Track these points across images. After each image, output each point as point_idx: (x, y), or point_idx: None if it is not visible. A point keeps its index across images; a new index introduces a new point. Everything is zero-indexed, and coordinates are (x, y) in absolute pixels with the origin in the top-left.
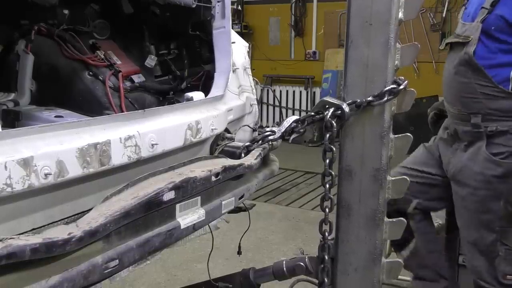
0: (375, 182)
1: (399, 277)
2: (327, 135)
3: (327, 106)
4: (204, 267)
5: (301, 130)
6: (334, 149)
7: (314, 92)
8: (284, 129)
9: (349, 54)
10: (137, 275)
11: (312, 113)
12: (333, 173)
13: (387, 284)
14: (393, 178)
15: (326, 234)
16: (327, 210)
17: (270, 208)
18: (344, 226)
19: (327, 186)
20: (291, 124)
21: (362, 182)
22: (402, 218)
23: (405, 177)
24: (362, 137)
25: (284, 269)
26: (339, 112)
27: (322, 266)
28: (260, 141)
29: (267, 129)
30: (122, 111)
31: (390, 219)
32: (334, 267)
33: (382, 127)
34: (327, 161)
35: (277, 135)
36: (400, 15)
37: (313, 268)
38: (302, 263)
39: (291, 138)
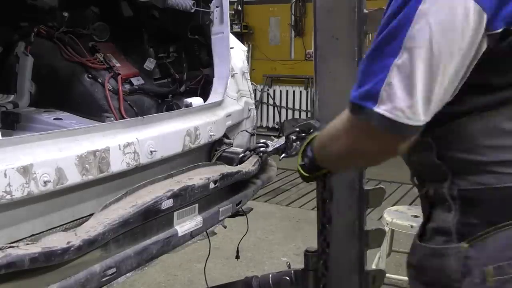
0: (352, 193)
1: (399, 277)
2: None
3: (311, 130)
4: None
5: (293, 153)
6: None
7: (314, 92)
8: (278, 146)
9: (317, 67)
10: (137, 275)
11: (297, 129)
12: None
13: (387, 284)
14: (370, 188)
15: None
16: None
17: (270, 208)
18: (325, 237)
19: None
20: (282, 144)
21: (339, 193)
22: (381, 227)
23: (381, 186)
24: None
25: (270, 283)
26: None
27: (307, 279)
28: (252, 151)
29: (261, 140)
30: (121, 114)
31: (370, 228)
32: (318, 279)
33: None
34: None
35: (269, 149)
36: (365, 28)
37: (299, 281)
38: (287, 277)
39: (281, 157)
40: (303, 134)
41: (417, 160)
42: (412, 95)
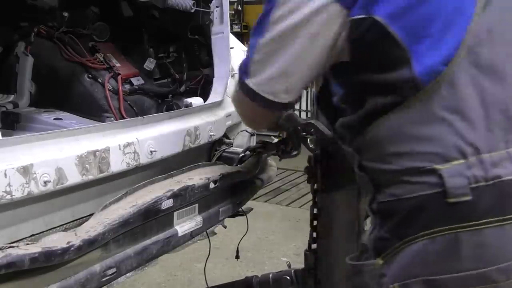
0: (352, 192)
1: None
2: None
3: (312, 130)
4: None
5: (294, 153)
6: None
7: (314, 92)
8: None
9: None
10: (137, 275)
11: (298, 127)
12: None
13: None
14: None
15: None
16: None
17: (270, 208)
18: (325, 237)
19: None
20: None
21: (339, 193)
22: None
23: None
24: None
25: (270, 282)
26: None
27: (307, 278)
28: (252, 151)
29: (262, 140)
30: (121, 114)
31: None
32: (318, 279)
33: None
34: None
35: (267, 149)
36: None
37: (299, 281)
38: (287, 277)
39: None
40: (304, 134)
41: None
42: (266, 70)
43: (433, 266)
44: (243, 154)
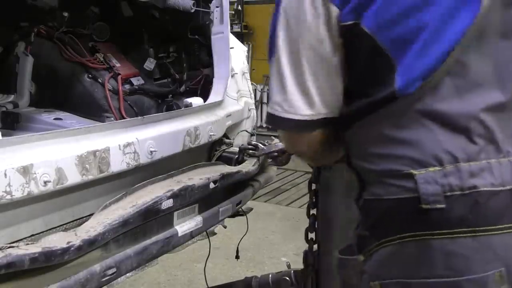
0: (352, 192)
1: None
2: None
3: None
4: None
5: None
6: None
7: None
8: (268, 151)
9: None
10: (137, 275)
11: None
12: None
13: None
14: None
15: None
16: None
17: (270, 208)
18: (325, 238)
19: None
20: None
21: (339, 195)
22: None
23: None
24: None
25: (270, 283)
26: None
27: (307, 279)
28: (243, 152)
29: (253, 142)
30: (121, 114)
31: None
32: (319, 279)
33: None
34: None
35: (259, 153)
36: None
37: (298, 282)
38: (287, 278)
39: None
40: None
41: None
42: (284, 89)
43: (408, 270)
44: (237, 155)
